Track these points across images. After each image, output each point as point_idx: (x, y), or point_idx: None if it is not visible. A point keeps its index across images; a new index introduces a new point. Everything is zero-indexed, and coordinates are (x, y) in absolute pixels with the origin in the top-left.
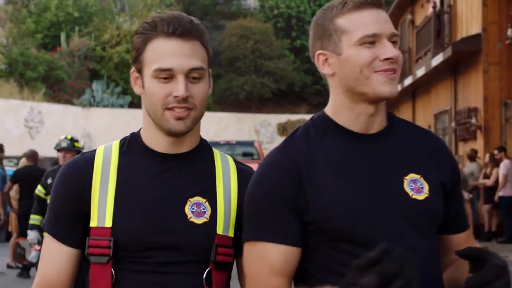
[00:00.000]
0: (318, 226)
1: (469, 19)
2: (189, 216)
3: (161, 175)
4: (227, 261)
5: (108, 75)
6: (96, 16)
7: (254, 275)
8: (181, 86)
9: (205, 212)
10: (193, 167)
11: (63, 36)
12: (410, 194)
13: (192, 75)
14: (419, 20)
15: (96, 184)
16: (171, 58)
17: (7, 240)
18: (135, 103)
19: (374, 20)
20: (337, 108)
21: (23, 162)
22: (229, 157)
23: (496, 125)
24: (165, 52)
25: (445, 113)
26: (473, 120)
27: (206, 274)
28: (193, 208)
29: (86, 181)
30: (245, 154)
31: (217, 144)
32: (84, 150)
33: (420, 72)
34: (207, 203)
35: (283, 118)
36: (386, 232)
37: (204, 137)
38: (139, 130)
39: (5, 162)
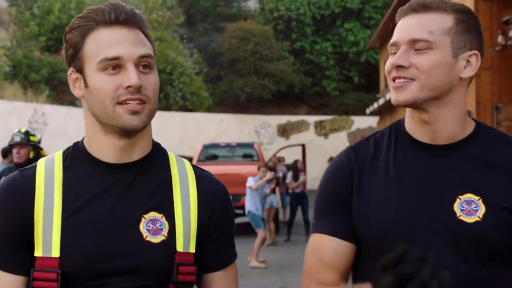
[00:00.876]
0: (358, 233)
1: None
2: (145, 235)
3: (111, 189)
4: (190, 280)
5: None
6: None
7: (306, 266)
8: (132, 75)
9: (162, 229)
10: (146, 177)
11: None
12: (458, 215)
13: (142, 63)
14: None
15: (39, 206)
16: (118, 46)
17: None
18: None
19: None
20: (408, 120)
21: None
22: (185, 161)
23: None
24: (110, 41)
25: None
26: None
27: None
28: (148, 226)
29: (27, 202)
30: (245, 156)
31: (218, 146)
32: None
33: None
34: (163, 218)
35: (283, 119)
36: (417, 248)
37: (204, 138)
38: (82, 139)
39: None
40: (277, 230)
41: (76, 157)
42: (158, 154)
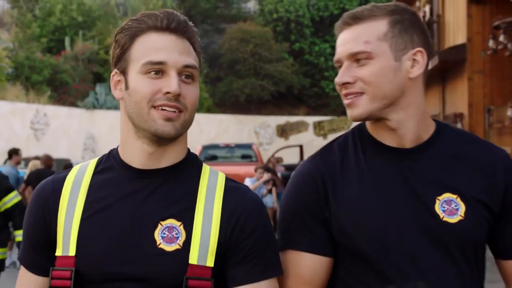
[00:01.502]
0: (339, 241)
1: (456, 29)
2: (158, 242)
3: (135, 194)
4: None
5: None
6: (99, 20)
7: (284, 285)
8: (173, 82)
9: (178, 238)
10: (173, 184)
11: (67, 40)
12: (441, 216)
13: (185, 73)
14: None
15: (63, 209)
16: (164, 52)
17: None
18: None
19: None
20: (370, 124)
21: (33, 164)
22: (221, 174)
23: (480, 129)
24: (158, 46)
25: (435, 117)
26: (459, 125)
27: None
28: (164, 233)
29: (52, 205)
30: (243, 157)
31: (217, 147)
32: (87, 151)
33: None
34: (181, 226)
35: (282, 120)
36: (407, 255)
37: (205, 138)
38: (114, 149)
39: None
40: (274, 229)
41: (110, 162)
42: (190, 164)
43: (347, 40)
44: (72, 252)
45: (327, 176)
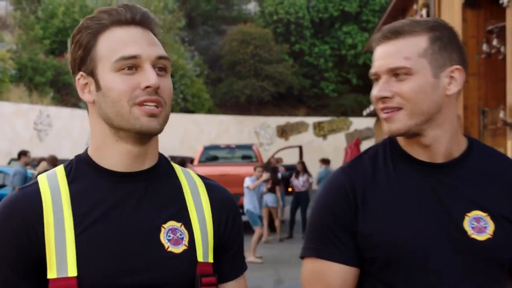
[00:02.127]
0: (365, 252)
1: None
2: (166, 246)
3: (125, 200)
4: None
5: None
6: None
7: None
8: (151, 75)
9: (182, 239)
10: (159, 185)
11: (70, 42)
12: (469, 233)
13: (158, 65)
14: None
15: (49, 225)
16: (135, 46)
17: None
18: None
19: None
20: (402, 138)
21: (43, 166)
22: (191, 172)
23: (475, 131)
24: (126, 40)
25: None
26: None
27: None
28: (169, 236)
29: (34, 223)
30: (244, 157)
31: (218, 148)
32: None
33: None
34: (182, 226)
35: (282, 120)
36: (432, 269)
37: (205, 139)
38: (85, 151)
39: (15, 164)
40: (273, 228)
41: (81, 170)
42: (164, 163)
43: (386, 54)
44: (72, 272)
45: (357, 187)
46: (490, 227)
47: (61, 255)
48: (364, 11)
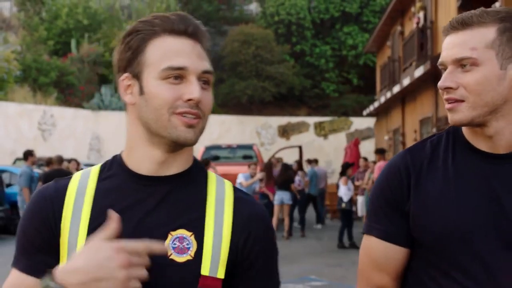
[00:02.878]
0: (413, 234)
1: None
2: (169, 253)
3: (142, 202)
4: None
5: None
6: (104, 23)
7: (361, 267)
8: (196, 88)
9: (189, 249)
10: (181, 193)
11: (73, 43)
12: None
13: (203, 79)
14: (407, 31)
15: (67, 218)
16: (184, 57)
17: None
18: None
19: None
20: (466, 127)
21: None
22: (227, 182)
23: None
24: (176, 50)
25: (429, 119)
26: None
27: None
28: (174, 244)
29: (55, 211)
30: (245, 157)
31: (219, 148)
32: (93, 151)
33: (406, 81)
34: (192, 237)
35: (283, 120)
36: (476, 256)
37: (207, 139)
38: (118, 155)
39: (20, 163)
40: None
41: (114, 170)
42: (197, 172)
43: (453, 45)
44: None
45: (412, 170)
46: None
47: (72, 247)
48: (365, 12)
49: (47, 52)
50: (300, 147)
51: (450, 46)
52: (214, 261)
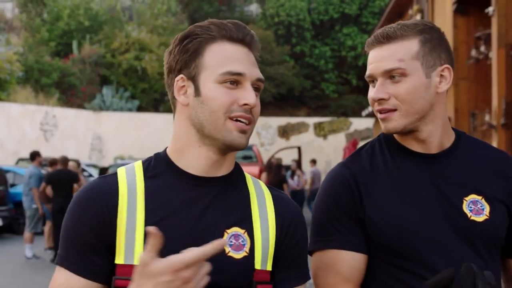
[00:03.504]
0: (373, 239)
1: None
2: (227, 251)
3: (196, 202)
4: None
5: (118, 81)
6: (106, 24)
7: (324, 284)
8: (251, 94)
9: (244, 245)
10: (229, 193)
11: (75, 44)
12: (469, 215)
13: (255, 85)
14: None
15: (123, 214)
16: (241, 64)
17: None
18: (143, 107)
19: None
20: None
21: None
22: (260, 181)
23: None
24: (235, 56)
25: None
26: None
27: None
28: (231, 241)
29: (110, 209)
30: (244, 157)
31: None
32: (94, 152)
33: None
34: (245, 234)
35: (283, 121)
36: (438, 250)
37: None
38: (165, 150)
39: (22, 163)
40: None
41: (159, 168)
42: (237, 172)
43: (381, 57)
44: (138, 261)
45: (359, 178)
46: (486, 208)
47: (130, 244)
48: (364, 13)
49: (49, 53)
50: (299, 148)
51: (378, 59)
52: (264, 256)
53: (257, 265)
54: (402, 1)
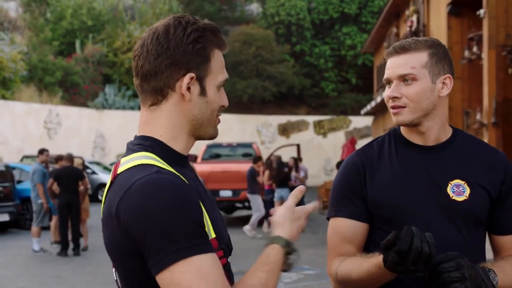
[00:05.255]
0: (372, 212)
1: (438, 38)
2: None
3: (192, 175)
4: None
5: (120, 80)
6: (108, 24)
7: (330, 243)
8: (226, 97)
9: None
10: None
11: (78, 43)
12: (451, 196)
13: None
14: (402, 33)
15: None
16: (226, 71)
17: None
18: None
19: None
20: (404, 127)
21: (60, 163)
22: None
23: None
24: (223, 64)
25: None
26: None
27: None
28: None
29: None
30: (244, 155)
31: (220, 146)
32: (97, 149)
33: None
34: None
35: (283, 119)
36: (424, 223)
37: None
38: (154, 139)
39: (27, 160)
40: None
41: (169, 156)
42: None
43: (397, 64)
44: (213, 233)
45: (366, 165)
46: (467, 191)
47: (207, 220)
48: (363, 13)
49: (52, 53)
50: (298, 145)
51: (395, 66)
52: None
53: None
54: (399, 2)
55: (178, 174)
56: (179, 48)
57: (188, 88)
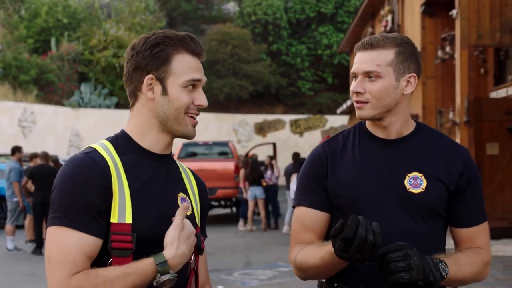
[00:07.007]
0: (332, 202)
1: (412, 38)
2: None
3: (159, 173)
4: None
5: (96, 78)
6: (84, 22)
7: (293, 231)
8: (204, 97)
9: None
10: (172, 166)
11: (53, 41)
12: (408, 188)
13: (203, 87)
14: (378, 32)
15: (115, 182)
16: (199, 72)
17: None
18: (121, 104)
19: None
20: (368, 121)
21: (35, 161)
22: (182, 164)
23: None
24: (195, 66)
25: None
26: None
27: None
28: (182, 202)
29: (108, 178)
30: (220, 153)
31: (196, 145)
32: (73, 148)
33: None
34: (188, 198)
35: (260, 118)
36: (381, 213)
37: None
38: (123, 132)
39: (1, 159)
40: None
41: (125, 147)
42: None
43: (364, 60)
44: (128, 220)
45: (329, 156)
46: (424, 183)
47: (122, 206)
48: (340, 13)
49: (27, 50)
50: (274, 144)
51: (361, 61)
52: (198, 215)
53: (198, 222)
54: (375, 2)
55: (116, 160)
56: (139, 54)
57: (152, 89)
